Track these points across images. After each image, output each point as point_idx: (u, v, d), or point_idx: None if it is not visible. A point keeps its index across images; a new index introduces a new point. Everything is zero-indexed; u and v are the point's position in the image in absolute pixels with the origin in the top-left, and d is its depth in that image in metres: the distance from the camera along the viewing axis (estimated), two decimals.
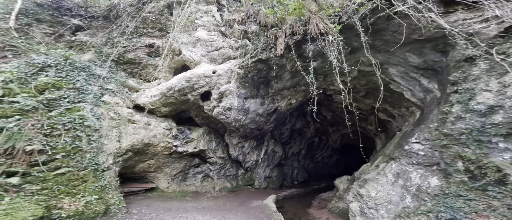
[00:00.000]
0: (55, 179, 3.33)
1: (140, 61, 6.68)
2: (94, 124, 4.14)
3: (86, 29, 6.35)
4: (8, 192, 2.84)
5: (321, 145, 11.91)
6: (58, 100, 3.98)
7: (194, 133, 7.30)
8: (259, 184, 9.58)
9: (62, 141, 3.55)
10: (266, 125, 7.71)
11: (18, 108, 3.44)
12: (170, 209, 4.64)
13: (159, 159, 6.12)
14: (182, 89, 6.11)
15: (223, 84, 6.48)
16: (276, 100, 6.84)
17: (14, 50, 4.57)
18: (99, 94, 4.84)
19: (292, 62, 5.47)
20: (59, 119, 3.72)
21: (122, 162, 4.77)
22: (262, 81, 6.25)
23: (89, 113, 4.19)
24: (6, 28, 4.89)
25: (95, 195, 3.52)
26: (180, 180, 7.24)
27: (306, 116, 9.93)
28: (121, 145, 4.67)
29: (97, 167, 3.88)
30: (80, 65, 4.90)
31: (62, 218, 2.96)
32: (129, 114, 5.23)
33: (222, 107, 6.62)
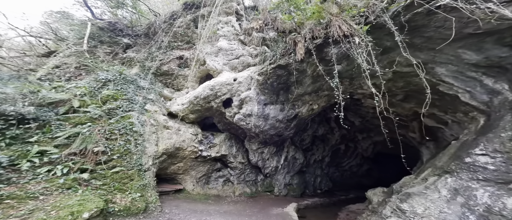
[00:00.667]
0: (111, 176, 3.91)
1: (172, 72, 7.50)
2: (139, 130, 4.83)
3: (133, 47, 7.54)
4: (81, 186, 3.49)
5: (348, 153, 10.87)
6: (115, 109, 4.82)
7: (216, 138, 7.67)
8: (278, 191, 9.32)
9: (117, 144, 4.27)
10: (286, 131, 7.52)
11: (89, 116, 4.29)
12: (196, 211, 4.93)
13: (186, 162, 6.64)
14: (207, 97, 6.54)
15: (243, 91, 6.67)
16: (296, 106, 6.63)
17: (86, 68, 5.79)
18: (143, 103, 5.63)
19: (313, 66, 5.26)
20: (116, 125, 4.51)
21: (159, 164, 5.37)
22: (281, 87, 6.18)
23: (136, 120, 4.92)
24: (81, 51, 6.22)
25: (138, 193, 4.02)
26: (203, 183, 7.64)
27: (330, 121, 9.29)
28: (158, 148, 5.29)
29: (140, 168, 4.46)
30: (130, 79, 5.83)
31: (115, 212, 3.46)
32: (164, 120, 5.89)
33: (243, 114, 6.79)
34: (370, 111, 7.26)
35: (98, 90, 4.99)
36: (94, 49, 6.72)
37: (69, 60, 5.88)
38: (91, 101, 4.60)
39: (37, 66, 6.26)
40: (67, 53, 6.15)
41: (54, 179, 3.31)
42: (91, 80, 5.15)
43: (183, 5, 8.58)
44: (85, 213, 2.84)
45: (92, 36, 6.75)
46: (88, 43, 6.59)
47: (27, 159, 3.37)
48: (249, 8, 9.78)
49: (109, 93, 4.99)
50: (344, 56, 4.62)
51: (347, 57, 4.59)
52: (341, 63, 4.91)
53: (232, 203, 6.82)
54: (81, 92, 4.64)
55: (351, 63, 4.75)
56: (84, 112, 4.30)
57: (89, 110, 4.31)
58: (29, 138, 3.65)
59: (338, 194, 10.10)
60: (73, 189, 3.34)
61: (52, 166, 3.47)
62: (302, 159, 9.45)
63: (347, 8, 4.24)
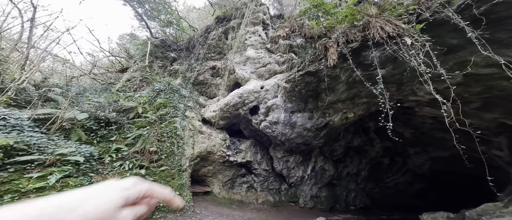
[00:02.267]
0: (159, 174, 4.50)
1: (206, 81, 8.28)
2: (181, 134, 5.55)
3: (177, 60, 8.78)
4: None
5: (394, 168, 9.11)
6: (165, 115, 5.73)
7: (243, 144, 7.88)
8: (304, 202, 8.68)
9: (165, 146, 5.04)
10: (314, 140, 6.98)
11: (148, 121, 5.23)
12: (222, 214, 5.15)
13: (215, 165, 7.08)
14: (236, 105, 6.84)
15: (270, 99, 6.63)
16: (327, 114, 6.08)
17: (146, 80, 7.13)
18: (184, 110, 6.44)
19: (348, 72, 4.73)
20: (165, 129, 5.37)
21: (193, 166, 5.98)
22: (310, 95, 5.80)
23: (179, 125, 5.68)
24: (143, 66, 7.71)
25: (177, 192, 4.59)
26: (228, 187, 7.93)
27: (368, 132, 8.07)
28: (194, 151, 5.90)
29: (180, 168, 5.11)
30: (175, 88, 6.82)
31: (160, 207, 3.98)
32: (199, 126, 6.53)
33: (269, 121, 6.74)
34: (427, 121, 5.87)
35: (154, 99, 6.03)
36: (152, 64, 8.20)
37: (136, 74, 7.37)
38: (149, 108, 5.59)
39: (115, 80, 8.13)
40: (135, 69, 7.73)
41: (123, 172, 4.03)
42: (149, 91, 6.29)
43: (216, 19, 9.44)
44: None
45: (150, 53, 8.28)
46: (149, 59, 8.10)
47: (108, 154, 4.23)
48: (274, 17, 9.85)
49: (161, 101, 5.96)
50: (389, 59, 3.96)
51: (394, 60, 3.92)
52: (386, 67, 4.22)
53: (255, 211, 6.77)
54: (143, 100, 5.72)
55: (399, 66, 4.03)
56: (145, 117, 5.26)
57: (148, 115, 5.25)
58: (110, 137, 4.63)
59: (377, 212, 8.54)
60: None
61: (123, 161, 4.25)
62: (333, 171, 8.52)
63: (389, 7, 3.67)
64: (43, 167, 3.20)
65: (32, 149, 3.29)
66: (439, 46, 3.31)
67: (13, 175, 2.90)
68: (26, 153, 3.19)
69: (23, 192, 2.80)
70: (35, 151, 3.29)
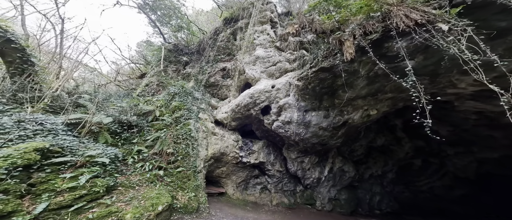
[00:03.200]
0: (176, 175, 4.61)
1: (217, 83, 8.41)
2: (195, 135, 5.70)
3: (189, 63, 9.11)
4: (158, 181, 4.28)
5: (429, 171, 8.14)
6: (180, 118, 5.94)
7: (255, 145, 7.80)
8: (321, 205, 8.27)
9: (181, 147, 5.23)
10: (331, 140, 6.58)
11: (164, 124, 5.49)
12: (236, 216, 5.13)
13: (229, 167, 7.12)
14: (247, 105, 6.79)
15: (281, 98, 6.44)
16: (345, 112, 5.65)
17: (162, 84, 7.52)
18: (197, 112, 6.63)
19: (368, 65, 4.33)
20: (180, 131, 5.57)
21: (208, 167, 6.09)
22: (325, 92, 5.46)
23: (193, 127, 5.84)
24: (159, 71, 8.17)
25: (193, 193, 4.66)
26: (242, 189, 7.91)
27: (394, 130, 7.33)
28: (208, 152, 6.01)
29: (195, 169, 5.22)
30: (188, 91, 7.06)
31: (177, 208, 4.06)
32: (212, 127, 6.65)
33: (281, 121, 6.54)
34: (470, 117, 5.07)
35: (169, 102, 6.31)
36: (166, 68, 8.64)
37: (153, 79, 7.83)
38: (165, 111, 5.87)
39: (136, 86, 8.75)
40: (152, 74, 8.22)
41: (144, 173, 4.21)
42: (165, 94, 6.60)
43: (223, 20, 9.53)
44: (160, 206, 3.47)
45: (164, 58, 8.72)
46: (164, 64, 8.54)
47: (131, 155, 4.44)
48: (282, 15, 9.58)
49: (176, 104, 6.22)
50: (419, 48, 3.50)
51: (425, 49, 3.45)
52: (415, 58, 3.74)
53: (270, 213, 6.62)
54: (159, 104, 6.03)
55: (432, 56, 3.54)
56: (162, 120, 5.52)
57: (164, 118, 5.51)
58: (132, 139, 4.86)
59: (410, 219, 7.67)
60: (154, 183, 4.15)
61: (143, 162, 4.44)
62: (353, 173, 7.95)
63: None
64: (75, 168, 3.49)
65: (65, 151, 3.63)
66: (484, 30, 2.81)
67: (49, 175, 3.22)
68: (60, 155, 3.52)
69: (58, 191, 3.08)
70: (68, 153, 3.61)
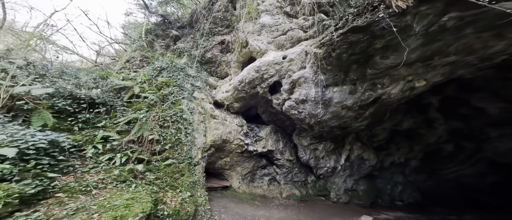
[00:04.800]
0: (164, 169, 3.58)
1: (215, 59, 7.17)
2: (189, 117, 4.61)
3: (181, 38, 7.83)
4: (136, 178, 3.15)
5: (461, 156, 7.18)
6: (168, 95, 4.81)
7: (262, 131, 6.79)
8: (336, 196, 7.52)
9: (169, 133, 4.14)
10: (355, 122, 5.50)
11: (147, 103, 4.40)
12: (245, 217, 4.26)
13: (233, 157, 6.16)
14: (252, 81, 5.63)
15: (295, 71, 5.25)
16: (379, 85, 4.48)
17: (147, 60, 6.35)
18: (191, 90, 5.51)
19: (429, 18, 3.15)
20: (168, 112, 4.41)
21: (207, 158, 5.08)
22: (355, 60, 4.25)
23: (186, 107, 4.74)
24: (142, 44, 6.94)
25: (188, 192, 3.51)
26: (248, 181, 7.07)
27: (427, 110, 6.19)
28: (206, 139, 4.97)
29: (190, 161, 4.16)
30: (179, 66, 5.86)
31: (163, 216, 2.93)
32: (211, 109, 5.56)
33: (294, 100, 5.42)
34: None
35: (155, 78, 5.16)
36: (152, 44, 7.38)
37: (135, 54, 6.61)
38: (149, 88, 4.73)
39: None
40: (133, 48, 6.96)
41: (112, 168, 3.11)
42: (149, 70, 5.43)
43: None
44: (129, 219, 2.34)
45: (149, 31, 7.42)
46: (146, 37, 7.26)
47: (92, 144, 3.27)
48: None
49: (163, 80, 5.06)
50: None
51: None
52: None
53: (282, 208, 5.81)
54: (141, 79, 4.88)
55: None
56: (144, 98, 4.42)
57: (147, 95, 4.40)
58: (96, 122, 3.67)
59: (436, 210, 6.91)
60: (127, 183, 3.02)
61: (113, 153, 3.34)
62: (374, 161, 7.02)
63: None
64: None
65: None
66: None
67: None
68: None
69: None
70: None
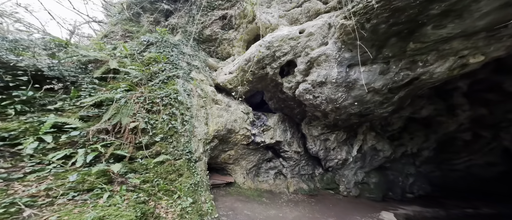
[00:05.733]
0: (155, 168, 2.71)
1: (216, 36, 6.11)
2: (185, 101, 3.65)
3: (173, 13, 6.61)
4: (112, 184, 2.20)
5: (476, 146, 6.88)
6: (157, 73, 3.79)
7: (270, 119, 5.99)
8: (346, 190, 7.07)
9: (160, 119, 3.16)
10: (379, 108, 4.84)
11: (129, 81, 3.37)
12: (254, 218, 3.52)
13: (237, 149, 5.33)
14: (262, 60, 4.72)
15: (315, 48, 4.40)
16: (420, 63, 3.75)
17: (131, 35, 5.18)
18: (187, 70, 4.53)
19: None
20: (158, 93, 3.38)
21: (210, 151, 4.17)
22: (396, 32, 3.45)
23: (181, 87, 3.76)
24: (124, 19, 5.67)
25: (190, 198, 2.69)
26: (253, 175, 6.36)
27: (450, 96, 5.68)
28: (208, 129, 4.05)
29: (190, 157, 3.20)
30: (173, 42, 4.79)
31: None
32: (212, 92, 4.62)
33: (311, 82, 4.61)
34: None
35: (140, 53, 4.08)
36: (139, 19, 6.13)
37: (115, 29, 5.39)
38: (132, 63, 3.67)
39: None
40: (113, 22, 5.69)
41: (71, 172, 2.00)
42: (134, 44, 4.32)
43: None
44: None
45: (134, 3, 6.12)
46: (131, 9, 6.00)
47: (37, 136, 2.11)
48: None
49: (151, 56, 4.01)
50: None
51: None
52: None
53: (292, 205, 5.21)
54: (121, 53, 3.79)
55: None
56: (125, 74, 3.36)
57: (129, 70, 3.34)
58: (50, 104, 2.57)
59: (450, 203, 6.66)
60: (96, 193, 2.00)
61: (73, 149, 2.25)
62: (389, 152, 6.55)
63: None
64: None
65: None
66: None
67: None
68: None
69: None
70: None
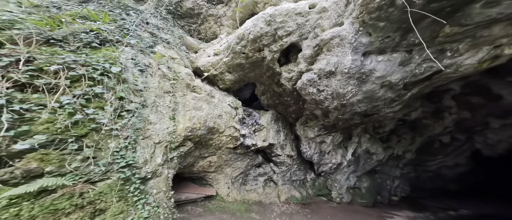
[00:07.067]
0: (34, 209, 1.15)
1: (199, 11, 4.63)
2: (134, 79, 2.10)
3: None
4: None
5: (450, 148, 7.21)
6: (82, 33, 2.10)
7: (263, 117, 4.83)
8: (338, 196, 6.48)
9: (54, 103, 1.43)
10: (387, 108, 4.26)
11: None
12: None
13: (222, 155, 3.94)
14: (259, 38, 3.51)
15: (327, 28, 3.47)
16: (448, 52, 3.18)
17: None
18: (150, 42, 2.96)
19: None
20: (62, 57, 1.70)
21: (179, 160, 2.60)
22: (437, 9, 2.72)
23: (127, 60, 2.19)
24: None
25: None
26: (240, 184, 5.08)
27: (441, 98, 5.63)
28: (177, 126, 2.52)
29: (131, 174, 1.67)
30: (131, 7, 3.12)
31: None
32: (187, 75, 3.14)
33: (317, 72, 3.68)
34: None
35: (60, 8, 2.34)
36: None
37: None
38: (29, 16, 1.94)
39: None
40: None
41: None
42: None
43: None
44: None
45: None
46: None
47: None
48: None
49: (82, 13, 2.30)
50: None
51: None
52: None
53: (286, 218, 4.19)
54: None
55: None
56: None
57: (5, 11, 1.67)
58: None
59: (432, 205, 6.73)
60: None
61: None
62: (382, 155, 6.23)
63: None
64: None
65: None
66: None
67: None
68: None
69: None
70: None
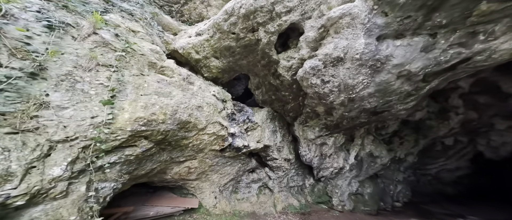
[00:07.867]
0: None
1: None
2: (22, 33, 1.27)
3: None
4: None
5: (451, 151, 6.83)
6: None
7: (257, 114, 4.07)
8: (340, 203, 5.83)
9: None
10: (400, 104, 3.67)
11: None
12: None
13: (205, 158, 3.06)
14: (253, 14, 2.77)
15: (334, 5, 2.83)
16: (481, 35, 2.61)
17: None
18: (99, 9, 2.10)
19: None
20: None
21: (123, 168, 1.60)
22: None
23: (32, 12, 1.34)
24: None
25: None
26: (230, 192, 4.26)
27: (447, 97, 5.20)
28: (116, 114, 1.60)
29: None
30: None
31: None
32: (151, 51, 2.30)
33: (323, 58, 3.02)
34: None
35: None
36: None
37: None
38: None
39: None
40: None
41: None
42: None
43: None
44: None
45: None
46: None
47: None
48: None
49: None
50: None
51: None
52: None
53: None
54: None
55: None
56: None
57: None
58: None
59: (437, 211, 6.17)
60: None
61: None
62: (387, 158, 5.67)
63: None
64: None
65: None
66: None
67: None
68: None
69: None
70: None
